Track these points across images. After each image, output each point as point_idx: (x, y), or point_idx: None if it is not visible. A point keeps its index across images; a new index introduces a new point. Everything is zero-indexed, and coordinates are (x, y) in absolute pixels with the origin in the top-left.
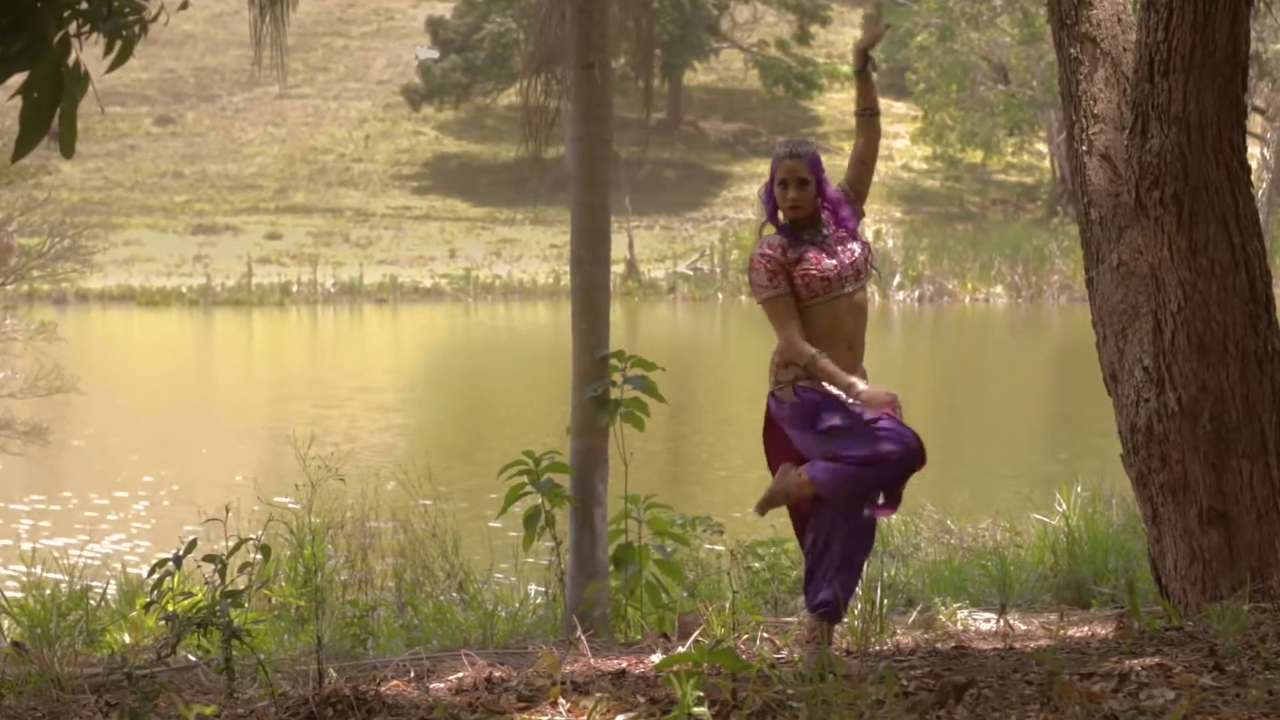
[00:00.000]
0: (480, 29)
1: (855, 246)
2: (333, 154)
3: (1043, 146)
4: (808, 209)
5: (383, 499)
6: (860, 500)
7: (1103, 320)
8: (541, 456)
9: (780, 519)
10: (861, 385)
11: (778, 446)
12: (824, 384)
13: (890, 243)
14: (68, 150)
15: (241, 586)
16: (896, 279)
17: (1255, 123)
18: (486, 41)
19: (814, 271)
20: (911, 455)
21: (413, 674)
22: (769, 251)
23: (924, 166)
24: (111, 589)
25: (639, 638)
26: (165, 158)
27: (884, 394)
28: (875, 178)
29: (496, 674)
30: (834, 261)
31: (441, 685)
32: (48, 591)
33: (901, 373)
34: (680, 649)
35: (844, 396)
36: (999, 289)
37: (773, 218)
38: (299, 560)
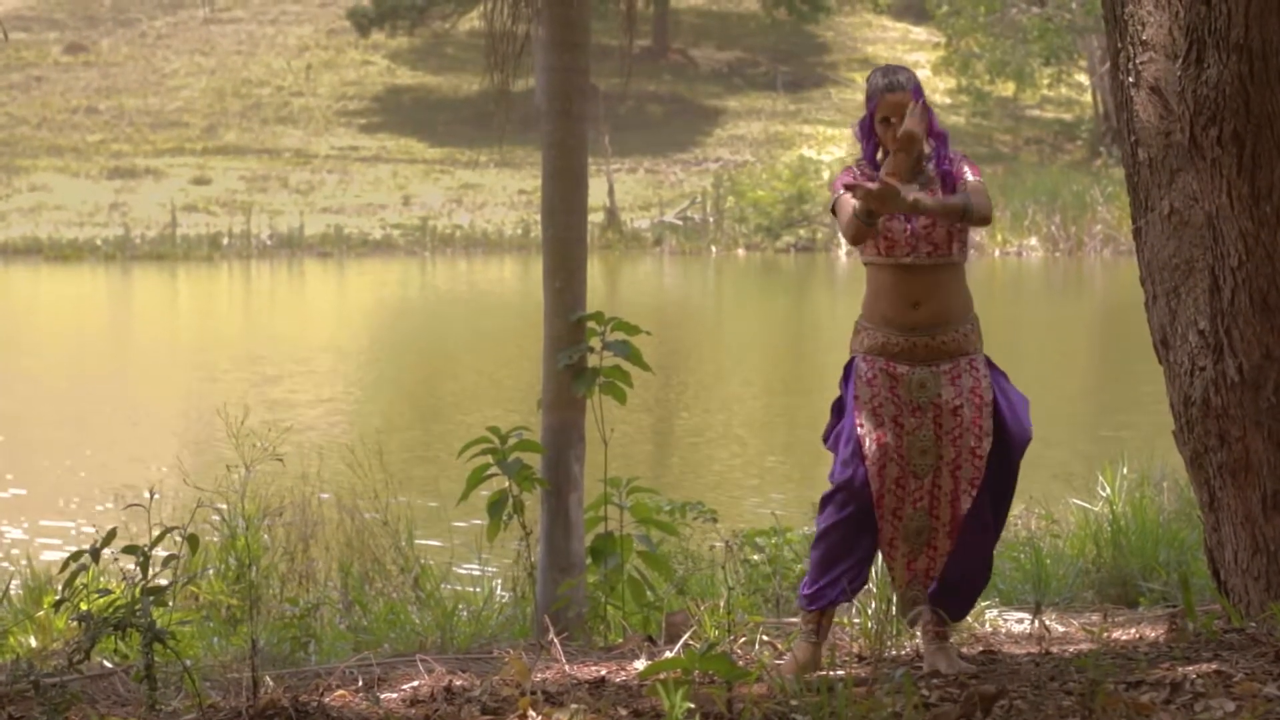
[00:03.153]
0: None
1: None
2: (269, 87)
3: (1083, 78)
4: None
5: (327, 482)
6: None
7: (1152, 277)
8: (509, 434)
9: (782, 507)
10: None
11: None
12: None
13: None
14: None
15: (165, 582)
16: None
17: None
18: None
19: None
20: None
21: (361, 682)
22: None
23: (948, 101)
24: (15, 585)
25: (620, 641)
26: (77, 91)
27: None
28: None
29: (457, 682)
30: (905, 227)
31: (394, 695)
32: None
33: None
34: (668, 654)
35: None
36: (1033, 241)
37: (870, 158)
38: (230, 552)
